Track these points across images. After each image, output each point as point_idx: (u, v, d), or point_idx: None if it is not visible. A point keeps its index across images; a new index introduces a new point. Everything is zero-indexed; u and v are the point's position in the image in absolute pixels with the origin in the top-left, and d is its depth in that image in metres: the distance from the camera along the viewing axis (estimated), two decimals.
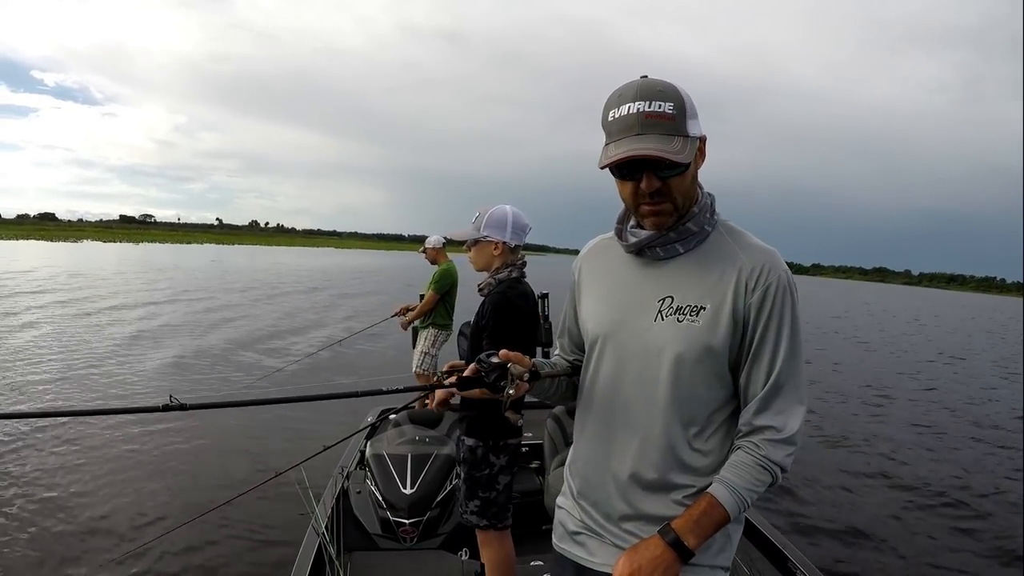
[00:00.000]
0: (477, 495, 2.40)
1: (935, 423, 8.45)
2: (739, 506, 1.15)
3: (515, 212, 2.46)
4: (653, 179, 1.14)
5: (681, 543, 1.13)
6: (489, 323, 2.33)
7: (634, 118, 1.11)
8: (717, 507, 1.15)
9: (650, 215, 1.18)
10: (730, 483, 1.16)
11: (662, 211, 1.17)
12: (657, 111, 1.10)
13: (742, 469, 1.16)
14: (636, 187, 1.16)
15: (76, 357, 9.04)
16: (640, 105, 1.10)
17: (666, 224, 1.19)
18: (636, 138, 1.10)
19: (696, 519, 1.14)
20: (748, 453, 1.17)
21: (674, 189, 1.16)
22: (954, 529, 4.88)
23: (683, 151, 1.10)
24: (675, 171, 1.14)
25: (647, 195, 1.15)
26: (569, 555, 1.33)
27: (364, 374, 9.05)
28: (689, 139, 1.13)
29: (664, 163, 1.12)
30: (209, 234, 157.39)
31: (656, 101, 1.11)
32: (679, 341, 1.16)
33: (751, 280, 1.15)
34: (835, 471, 6.16)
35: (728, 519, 1.16)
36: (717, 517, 1.15)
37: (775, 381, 1.16)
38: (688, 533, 1.13)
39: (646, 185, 1.14)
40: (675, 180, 1.15)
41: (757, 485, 1.16)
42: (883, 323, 25.37)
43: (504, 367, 1.19)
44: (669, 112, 1.11)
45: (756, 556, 2.80)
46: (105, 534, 3.99)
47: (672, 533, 1.14)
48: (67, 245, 56.76)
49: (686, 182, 1.17)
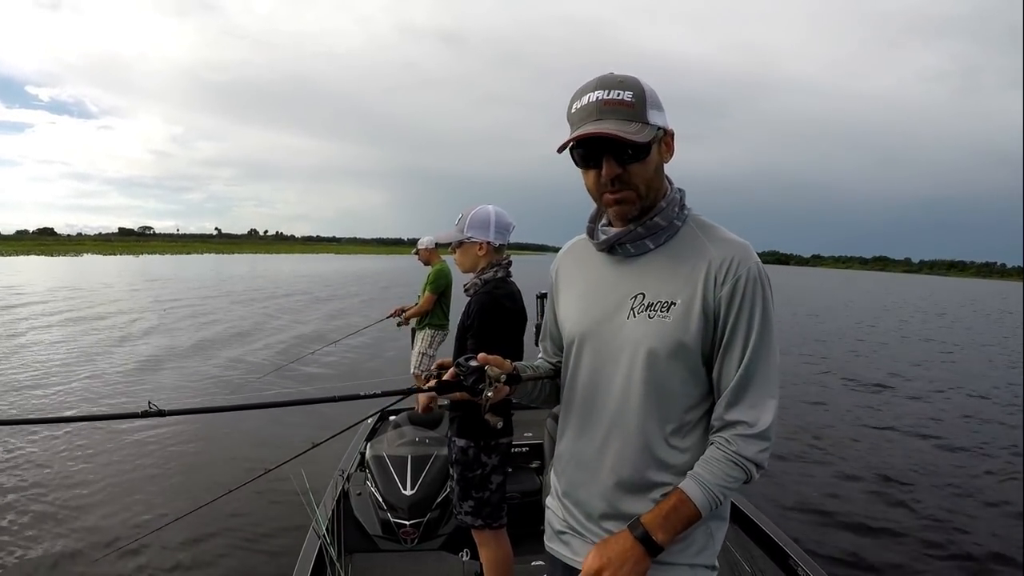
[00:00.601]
0: (471, 495, 2.41)
1: (939, 416, 8.43)
2: (710, 503, 1.14)
3: (498, 211, 2.46)
4: (613, 164, 1.14)
5: (650, 538, 1.12)
6: (474, 323, 2.33)
7: (593, 105, 1.13)
8: (687, 503, 1.14)
9: (613, 204, 1.19)
10: (701, 479, 1.15)
11: (624, 199, 1.17)
12: (616, 98, 1.12)
13: (713, 465, 1.16)
14: (598, 176, 1.17)
15: (77, 363, 9.08)
16: (600, 94, 1.13)
17: (629, 213, 1.19)
18: (594, 123, 1.12)
19: (665, 514, 1.14)
20: (720, 449, 1.16)
21: (635, 176, 1.16)
22: (955, 524, 4.85)
23: (640, 133, 1.11)
24: (635, 157, 1.14)
25: (608, 183, 1.16)
26: (557, 555, 1.34)
27: (364, 376, 9.07)
28: (649, 126, 1.13)
29: (624, 148, 1.12)
30: (208, 244, 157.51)
31: (615, 90, 1.13)
32: (651, 338, 1.16)
33: (720, 273, 1.15)
34: (836, 466, 6.15)
35: (698, 516, 1.14)
36: (687, 513, 1.14)
37: (745, 375, 1.15)
38: (657, 528, 1.13)
39: (606, 171, 1.15)
40: (636, 167, 1.15)
41: (729, 482, 1.15)
42: (878, 316, 25.36)
43: (482, 370, 1.19)
44: (628, 99, 1.12)
45: (756, 553, 2.80)
46: (102, 535, 4.00)
47: (641, 528, 1.14)
48: (67, 259, 56.79)
49: (648, 169, 1.17)
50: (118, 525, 4.14)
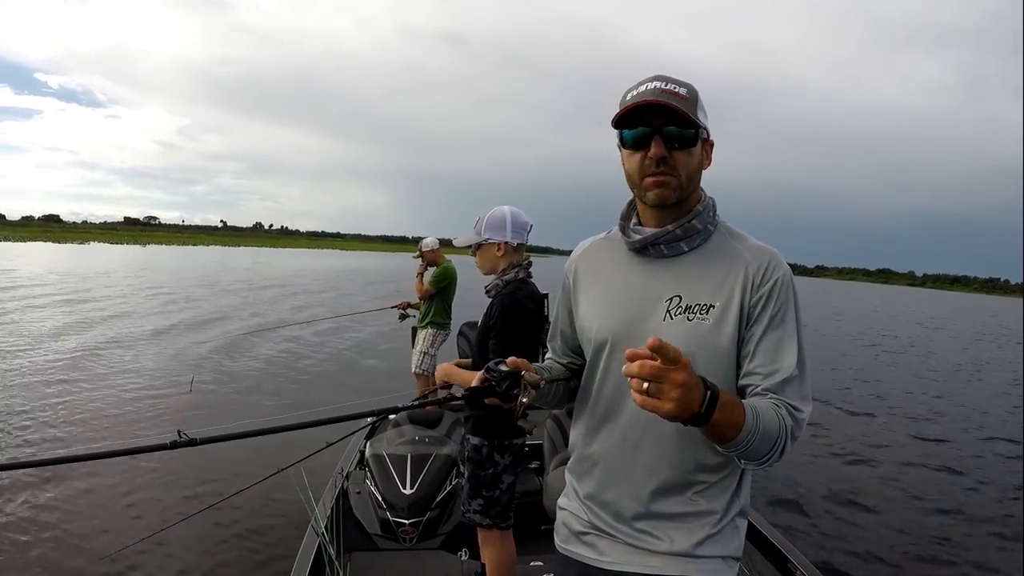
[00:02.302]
0: (481, 494, 2.41)
1: (942, 429, 8.40)
2: (753, 429, 1.04)
3: (514, 211, 2.48)
4: (661, 145, 1.15)
5: (714, 402, 0.98)
6: (497, 324, 2.35)
7: (652, 91, 1.16)
8: (741, 410, 1.03)
9: (654, 186, 1.18)
10: (755, 408, 1.07)
11: (666, 183, 1.18)
12: (674, 89, 1.16)
13: (765, 409, 1.08)
14: (643, 158, 1.17)
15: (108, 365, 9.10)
16: (659, 83, 1.16)
17: (668, 199, 1.19)
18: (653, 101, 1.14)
19: (727, 400, 1.01)
20: (769, 405, 1.10)
21: (680, 164, 1.17)
22: (955, 531, 4.86)
23: (692, 117, 1.14)
24: (682, 145, 1.16)
25: (653, 164, 1.17)
26: (575, 556, 1.32)
27: (368, 378, 9.09)
28: (701, 125, 1.17)
29: (673, 132, 1.14)
30: (214, 236, 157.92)
31: (673, 83, 1.17)
32: (690, 340, 1.16)
33: (757, 277, 1.17)
34: (837, 472, 6.14)
35: (738, 431, 1.02)
36: (736, 417, 1.02)
37: (787, 375, 1.14)
38: (721, 406, 0.99)
39: (654, 150, 1.15)
40: (681, 155, 1.17)
41: (769, 429, 1.06)
42: (874, 326, 25.30)
43: (516, 375, 1.18)
44: (684, 93, 1.16)
45: (757, 558, 2.80)
46: (101, 535, 3.99)
47: (716, 390, 0.99)
48: (74, 247, 56.98)
49: (692, 162, 1.19)
50: (119, 527, 4.14)
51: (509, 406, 1.19)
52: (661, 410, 0.93)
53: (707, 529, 1.21)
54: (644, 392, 0.93)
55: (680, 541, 1.21)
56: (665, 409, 0.93)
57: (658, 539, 1.22)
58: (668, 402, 0.92)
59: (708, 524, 1.21)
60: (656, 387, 0.92)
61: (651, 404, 0.93)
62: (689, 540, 1.21)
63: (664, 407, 0.93)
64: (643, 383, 0.92)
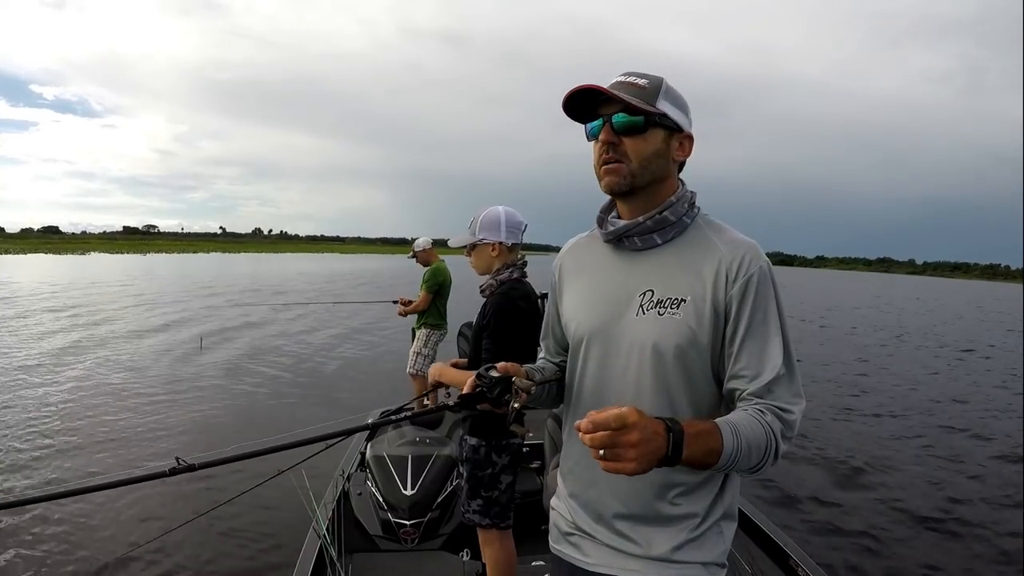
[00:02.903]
0: (480, 494, 2.41)
1: (943, 421, 8.38)
2: (733, 450, 1.02)
3: (508, 211, 2.48)
4: (609, 131, 1.17)
5: (680, 442, 0.97)
6: (491, 324, 2.35)
7: (610, 84, 1.19)
8: (716, 435, 1.02)
9: (605, 174, 1.20)
10: (735, 426, 1.05)
11: (616, 170, 1.19)
12: (631, 81, 1.18)
13: (746, 422, 1.06)
14: (599, 147, 1.20)
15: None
16: (620, 77, 1.20)
17: (617, 185, 1.20)
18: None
19: (697, 432, 1.00)
20: (753, 416, 1.08)
21: (630, 149, 1.18)
22: (955, 528, 4.83)
23: (639, 104, 1.14)
24: (633, 130, 1.17)
25: (604, 150, 1.19)
26: (564, 556, 1.33)
27: (369, 378, 9.10)
28: (654, 110, 1.16)
29: (621, 119, 1.16)
30: (213, 243, 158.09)
31: (633, 76, 1.19)
32: (661, 335, 1.15)
33: (731, 271, 1.14)
34: (836, 467, 6.13)
35: (716, 458, 1.02)
36: (712, 446, 1.01)
37: (773, 376, 1.11)
38: (688, 438, 0.98)
39: (602, 136, 1.18)
40: (631, 140, 1.18)
41: (754, 445, 1.04)
42: (871, 317, 25.27)
43: (507, 380, 1.18)
44: (642, 83, 1.17)
45: (757, 554, 2.80)
46: (102, 540, 3.98)
47: (678, 428, 0.98)
48: (75, 258, 56.97)
49: (644, 148, 1.18)
50: (120, 531, 4.13)
51: (501, 411, 1.19)
52: (625, 471, 0.93)
53: (686, 533, 1.18)
54: (602, 459, 0.93)
55: (658, 545, 1.19)
56: (628, 469, 0.93)
57: (636, 542, 1.21)
58: (629, 463, 0.92)
59: (688, 528, 1.19)
60: (612, 452, 0.92)
61: (614, 468, 0.93)
62: (668, 544, 1.18)
63: (626, 468, 0.93)
64: (599, 451, 0.93)
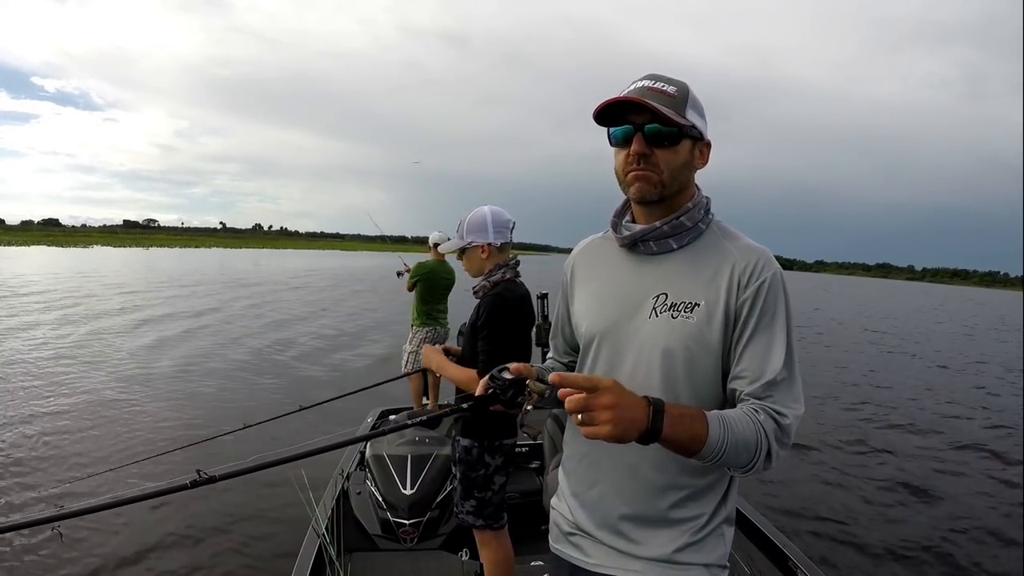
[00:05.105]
0: (473, 495, 2.41)
1: (941, 424, 8.39)
2: (719, 441, 1.03)
3: (494, 210, 2.46)
4: (641, 142, 1.17)
5: (659, 415, 0.99)
6: (484, 324, 2.34)
7: (637, 90, 1.18)
8: (702, 424, 1.03)
9: (634, 181, 1.20)
10: (724, 420, 1.06)
11: (647, 178, 1.19)
12: (660, 88, 1.17)
13: (737, 418, 1.07)
14: (627, 154, 1.19)
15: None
16: (647, 82, 1.19)
17: (648, 194, 1.20)
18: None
19: (680, 414, 1.02)
20: (747, 414, 1.09)
21: (661, 161, 1.18)
22: (954, 528, 4.85)
23: (675, 118, 1.14)
24: (664, 142, 1.17)
25: (635, 160, 1.18)
26: (564, 556, 1.33)
27: (369, 378, 9.06)
28: (684, 120, 1.16)
29: (654, 129, 1.15)
30: (214, 238, 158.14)
31: (661, 82, 1.18)
32: (673, 338, 1.16)
33: (744, 277, 1.15)
34: (836, 470, 6.13)
35: (700, 445, 1.02)
36: (696, 431, 1.02)
37: (771, 379, 1.12)
38: (670, 419, 1.00)
39: (634, 147, 1.17)
40: (663, 151, 1.18)
41: (742, 440, 1.05)
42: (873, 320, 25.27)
43: (520, 383, 1.18)
44: (671, 91, 1.17)
45: (756, 555, 2.79)
46: (103, 536, 3.96)
47: (661, 404, 1.00)
48: (77, 251, 56.90)
49: (675, 159, 1.18)
50: (120, 527, 4.13)
51: (513, 412, 1.20)
52: (600, 434, 0.95)
53: (688, 535, 1.19)
54: (580, 423, 0.96)
55: (660, 546, 1.20)
56: (604, 432, 0.95)
57: (637, 543, 1.21)
58: (604, 425, 0.95)
59: (690, 530, 1.20)
60: (587, 416, 0.95)
61: (590, 432, 0.96)
62: (669, 546, 1.19)
63: (602, 431, 0.95)
64: (577, 415, 0.96)
